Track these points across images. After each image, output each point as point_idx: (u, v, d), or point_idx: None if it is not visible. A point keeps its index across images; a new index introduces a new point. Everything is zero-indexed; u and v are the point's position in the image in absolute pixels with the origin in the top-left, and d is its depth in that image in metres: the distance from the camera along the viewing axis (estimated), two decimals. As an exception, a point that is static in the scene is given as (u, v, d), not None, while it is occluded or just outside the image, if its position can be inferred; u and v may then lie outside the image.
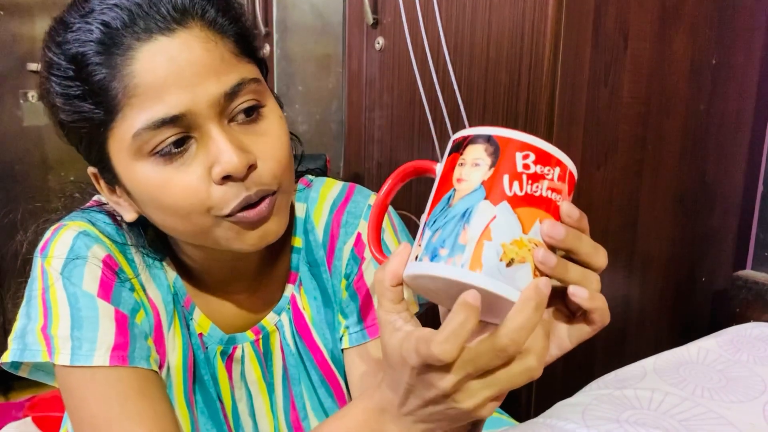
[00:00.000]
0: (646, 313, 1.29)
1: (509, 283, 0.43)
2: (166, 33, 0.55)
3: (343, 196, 0.76)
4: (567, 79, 1.04)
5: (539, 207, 0.45)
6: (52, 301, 0.61)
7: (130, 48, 0.54)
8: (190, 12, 0.56)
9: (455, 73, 1.19)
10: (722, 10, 1.22)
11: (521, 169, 0.45)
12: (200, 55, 0.56)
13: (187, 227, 0.59)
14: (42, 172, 2.32)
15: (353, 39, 1.43)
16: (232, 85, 0.57)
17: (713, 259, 1.38)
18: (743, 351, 1.12)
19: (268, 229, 0.61)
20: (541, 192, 0.45)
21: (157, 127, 0.55)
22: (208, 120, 0.56)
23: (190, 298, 0.70)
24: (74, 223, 0.65)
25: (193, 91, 0.55)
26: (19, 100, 2.24)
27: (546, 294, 0.43)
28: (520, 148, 0.45)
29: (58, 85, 0.57)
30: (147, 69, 0.54)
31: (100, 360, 0.60)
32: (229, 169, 0.55)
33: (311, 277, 0.75)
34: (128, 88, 0.54)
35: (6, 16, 2.18)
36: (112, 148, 0.58)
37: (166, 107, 0.54)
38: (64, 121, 0.60)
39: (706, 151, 1.29)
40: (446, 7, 1.19)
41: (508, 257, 0.43)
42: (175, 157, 0.56)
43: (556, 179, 0.46)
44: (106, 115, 0.56)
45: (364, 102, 1.42)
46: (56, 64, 0.57)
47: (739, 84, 1.30)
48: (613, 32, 1.08)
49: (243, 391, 0.73)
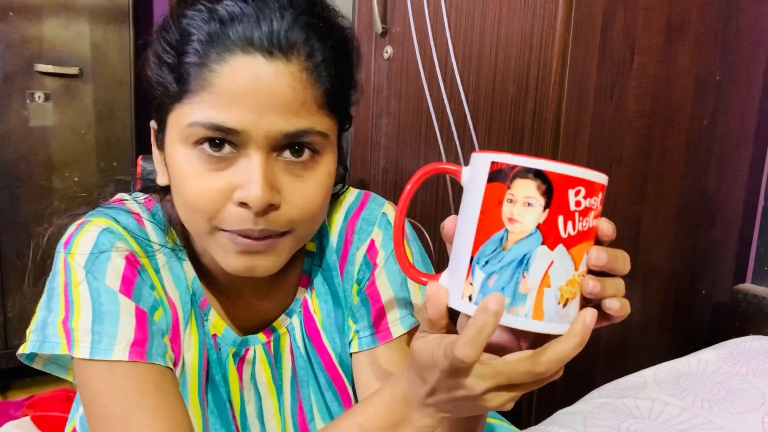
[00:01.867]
0: (647, 323, 1.30)
1: (565, 321, 0.45)
2: (266, 55, 0.56)
3: (358, 203, 0.78)
4: (574, 91, 1.05)
5: (588, 240, 0.45)
6: (74, 295, 0.62)
7: (229, 51, 0.56)
8: (297, 49, 0.57)
9: (463, 82, 1.20)
10: (726, 28, 1.24)
11: (574, 207, 0.44)
12: (283, 90, 0.56)
13: (191, 222, 0.62)
14: (46, 172, 2.33)
15: (362, 47, 1.44)
16: (297, 129, 0.58)
17: (714, 272, 1.39)
18: (743, 363, 1.13)
19: (258, 263, 0.61)
20: (589, 224, 0.45)
21: (211, 129, 0.57)
22: (257, 147, 0.57)
23: (206, 299, 0.71)
24: (98, 220, 0.66)
25: (259, 117, 0.56)
26: (26, 101, 2.26)
27: (591, 328, 0.46)
28: (572, 185, 0.44)
29: (160, 46, 0.60)
30: (232, 76, 0.56)
31: (119, 354, 0.60)
32: (250, 198, 0.56)
33: (323, 281, 0.75)
34: (207, 82, 0.56)
35: (15, 17, 2.20)
36: (171, 119, 0.60)
37: (228, 117, 0.56)
38: (149, 77, 0.62)
39: (708, 165, 1.30)
40: (455, 18, 1.20)
41: (564, 298, 0.45)
42: (212, 160, 0.58)
43: (599, 205, 0.46)
44: (179, 93, 0.58)
45: (372, 109, 1.44)
46: (168, 29, 0.60)
47: (742, 100, 1.32)
48: (619, 46, 1.09)
49: (252, 393, 0.74)
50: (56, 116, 2.32)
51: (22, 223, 2.28)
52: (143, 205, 0.71)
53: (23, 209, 2.28)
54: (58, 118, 2.32)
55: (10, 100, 2.21)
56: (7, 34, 2.17)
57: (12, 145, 2.23)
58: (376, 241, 0.75)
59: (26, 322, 0.64)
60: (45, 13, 2.24)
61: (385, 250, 0.75)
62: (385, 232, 0.75)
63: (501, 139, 1.14)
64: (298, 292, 0.76)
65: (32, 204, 2.29)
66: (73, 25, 2.30)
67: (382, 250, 0.74)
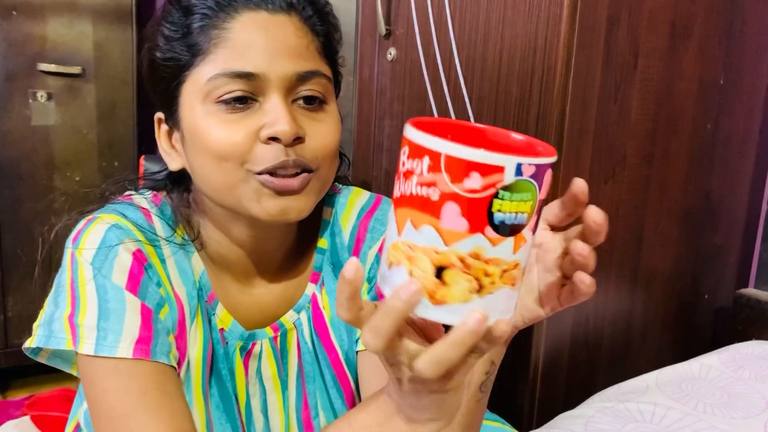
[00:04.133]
0: (649, 327, 1.30)
1: (387, 284, 0.44)
2: (270, 11, 0.64)
3: (371, 203, 0.80)
4: (578, 94, 1.05)
5: (410, 206, 0.41)
6: (80, 291, 0.63)
7: (236, 9, 0.63)
8: (296, 6, 0.66)
9: (466, 85, 1.20)
10: (730, 32, 1.24)
11: (400, 166, 0.42)
12: (290, 37, 0.64)
13: (219, 177, 0.63)
14: (48, 172, 2.33)
15: (365, 49, 1.44)
16: (306, 70, 0.64)
17: (716, 276, 1.39)
18: (745, 368, 1.13)
19: (291, 204, 0.64)
20: (412, 190, 0.41)
21: (231, 77, 0.62)
22: (275, 89, 0.63)
23: (213, 294, 0.72)
24: (107, 216, 0.67)
25: (273, 61, 0.62)
26: (29, 100, 2.26)
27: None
28: (402, 143, 0.43)
29: (167, 29, 0.65)
30: (242, 29, 0.62)
31: (123, 352, 0.61)
32: (278, 131, 0.61)
33: (334, 278, 0.76)
34: (220, 40, 0.62)
35: (18, 16, 2.20)
36: (185, 89, 0.65)
37: (246, 63, 0.62)
38: (156, 60, 0.66)
39: (711, 169, 1.30)
40: (459, 20, 1.20)
41: (389, 261, 0.43)
42: (236, 110, 0.62)
43: (424, 172, 0.40)
44: (192, 58, 0.63)
45: (375, 111, 1.44)
46: (171, 12, 0.66)
47: (746, 104, 1.32)
48: (624, 50, 1.09)
49: (257, 387, 0.74)
50: (58, 115, 2.32)
51: (23, 222, 2.28)
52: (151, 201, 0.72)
53: (24, 208, 2.28)
54: (60, 117, 2.32)
55: (12, 99, 2.21)
56: (10, 33, 2.17)
57: (14, 144, 2.23)
58: None
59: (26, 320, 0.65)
60: (48, 13, 2.24)
61: None
62: None
63: (504, 141, 1.13)
64: (307, 287, 0.76)
65: (33, 203, 2.29)
66: (76, 25, 2.30)
67: None
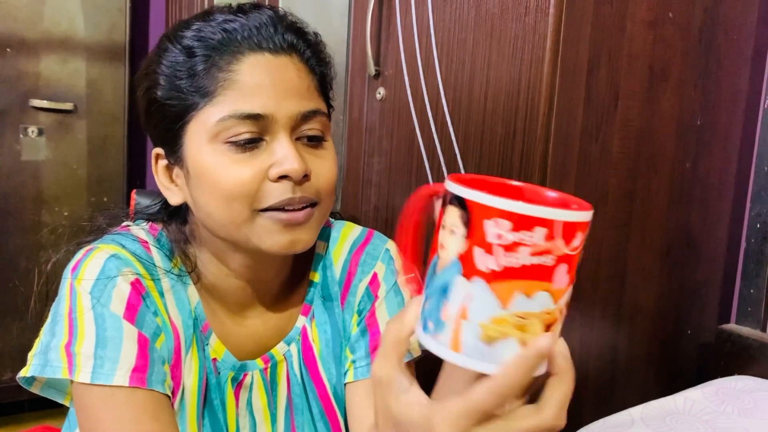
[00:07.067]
0: (633, 362, 1.32)
1: (491, 360, 0.42)
2: (272, 53, 0.68)
3: (363, 238, 0.82)
4: (560, 133, 1.09)
5: (525, 279, 0.40)
6: (78, 320, 0.63)
7: (240, 52, 0.66)
8: (295, 47, 0.70)
9: (453, 124, 1.24)
10: (706, 75, 1.29)
11: (493, 240, 0.40)
12: (293, 77, 0.68)
13: (226, 215, 0.66)
14: (36, 206, 2.33)
15: (355, 88, 1.48)
16: (309, 109, 0.69)
17: (699, 311, 1.41)
18: (728, 403, 1.14)
19: (299, 236, 0.67)
20: (523, 262, 0.40)
21: (241, 119, 0.65)
22: (281, 128, 0.66)
23: (208, 324, 0.73)
24: (106, 246, 0.68)
25: (279, 102, 0.66)
26: (20, 135, 2.27)
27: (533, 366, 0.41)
28: (488, 215, 0.40)
29: (167, 68, 0.68)
30: (248, 71, 0.66)
31: (120, 380, 0.61)
32: (289, 170, 0.64)
33: (324, 310, 0.77)
34: (227, 82, 0.65)
35: (12, 53, 2.23)
36: (190, 129, 0.67)
37: (254, 105, 0.65)
38: (157, 99, 0.68)
39: (691, 206, 1.33)
40: (446, 62, 1.24)
41: (488, 336, 0.41)
42: (245, 150, 0.65)
43: (541, 241, 0.40)
44: (199, 98, 0.66)
45: (364, 147, 1.47)
46: (169, 50, 0.69)
47: (723, 144, 1.36)
48: (604, 91, 1.13)
49: (247, 420, 0.74)
50: (49, 151, 2.33)
51: (10, 256, 2.26)
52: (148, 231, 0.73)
53: (11, 243, 2.27)
54: (50, 152, 2.34)
55: (3, 134, 2.22)
56: (3, 69, 2.19)
57: (3, 178, 2.23)
58: (379, 274, 0.78)
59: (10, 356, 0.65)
60: (42, 50, 2.27)
61: (386, 283, 0.77)
62: (387, 267, 0.78)
63: (490, 178, 1.16)
64: (298, 320, 0.77)
65: (20, 238, 2.28)
66: (70, 62, 2.33)
67: (384, 284, 0.77)
